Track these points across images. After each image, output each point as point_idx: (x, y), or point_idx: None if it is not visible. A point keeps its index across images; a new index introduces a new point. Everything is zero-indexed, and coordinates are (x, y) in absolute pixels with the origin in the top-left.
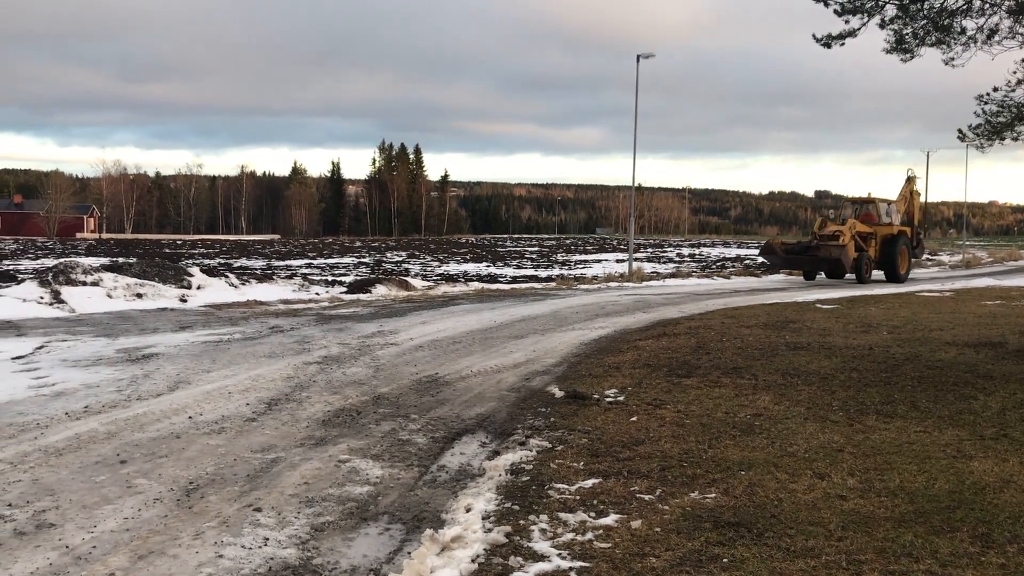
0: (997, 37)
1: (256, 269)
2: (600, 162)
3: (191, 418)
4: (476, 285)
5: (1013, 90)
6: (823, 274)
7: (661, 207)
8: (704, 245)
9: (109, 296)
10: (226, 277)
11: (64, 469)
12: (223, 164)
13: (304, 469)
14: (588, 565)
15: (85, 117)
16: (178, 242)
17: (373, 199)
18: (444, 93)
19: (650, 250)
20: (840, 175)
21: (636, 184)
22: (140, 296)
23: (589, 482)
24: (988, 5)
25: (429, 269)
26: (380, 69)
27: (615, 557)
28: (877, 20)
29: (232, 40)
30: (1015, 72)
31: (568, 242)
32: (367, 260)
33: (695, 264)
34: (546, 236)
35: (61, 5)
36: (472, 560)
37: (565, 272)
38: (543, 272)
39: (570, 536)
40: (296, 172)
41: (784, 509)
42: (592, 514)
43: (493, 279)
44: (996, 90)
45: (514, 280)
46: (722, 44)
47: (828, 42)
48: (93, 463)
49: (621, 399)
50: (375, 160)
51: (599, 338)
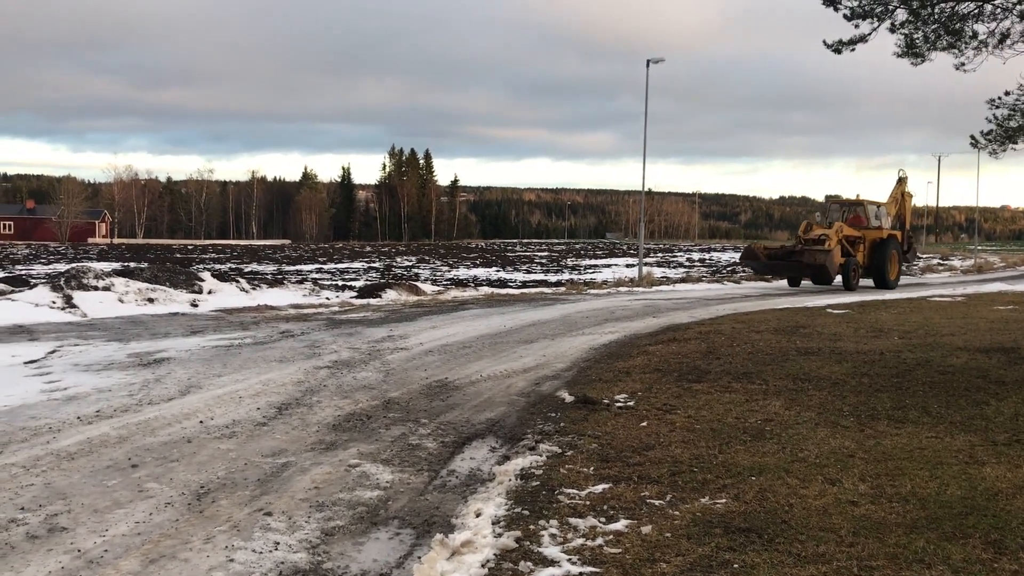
0: (1009, 41)
1: (267, 274)
2: (610, 167)
3: (202, 422)
4: (486, 290)
5: None
6: (809, 281)
7: (671, 212)
8: (714, 250)
9: (121, 301)
10: (237, 282)
11: (76, 473)
12: (234, 169)
13: (314, 473)
14: (598, 570)
15: (98, 123)
16: (189, 247)
17: (383, 204)
18: (455, 99)
19: (660, 255)
20: (851, 180)
21: (646, 189)
22: (151, 301)
23: (599, 487)
24: (1000, 10)
25: (439, 274)
26: (392, 75)
27: (625, 562)
28: (887, 25)
29: (245, 47)
30: None
31: (578, 247)
32: (377, 265)
33: (705, 269)
34: (556, 241)
35: (78, 13)
36: (482, 565)
37: (575, 277)
38: (553, 277)
39: (580, 541)
40: (307, 177)
41: (795, 515)
42: (602, 519)
43: (503, 284)
44: (1008, 94)
45: (524, 285)
46: (734, 49)
47: (839, 48)
48: (105, 467)
49: (631, 404)
50: (385, 165)
51: (609, 343)
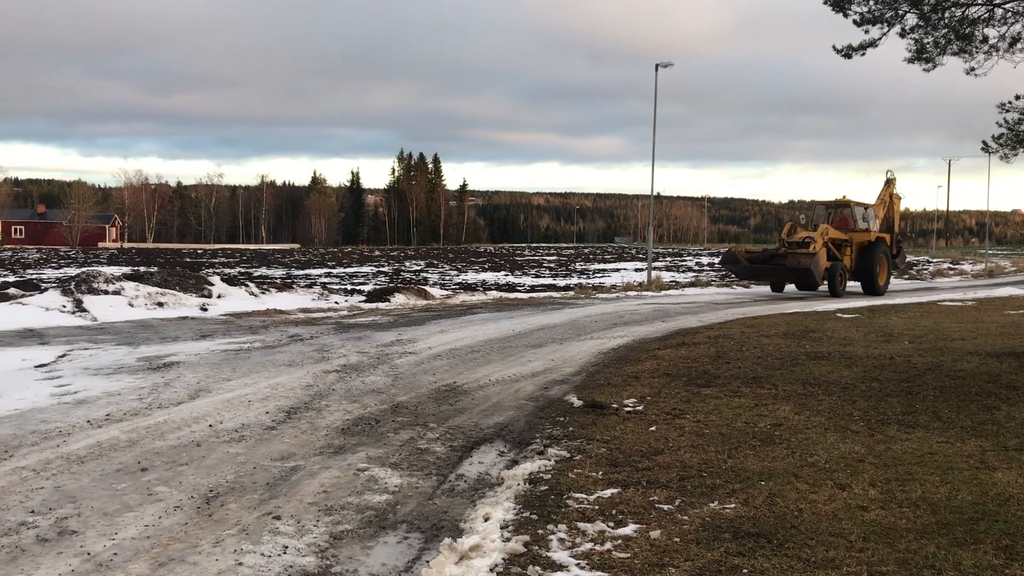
0: (1020, 45)
1: (276, 278)
2: (619, 171)
3: (211, 426)
4: (494, 294)
5: None
6: (793, 287)
7: (680, 216)
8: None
9: (131, 305)
10: (246, 286)
11: (86, 476)
12: (244, 174)
13: (323, 477)
14: (607, 575)
15: (109, 128)
16: (199, 251)
17: (392, 208)
18: (464, 103)
19: (669, 259)
20: (861, 184)
21: (655, 193)
22: (161, 305)
23: (608, 492)
24: (1010, 14)
25: (447, 278)
26: (401, 80)
27: (634, 567)
28: (897, 30)
29: (256, 52)
30: None
31: (586, 251)
32: (386, 269)
33: (714, 273)
34: (564, 245)
35: (89, 18)
36: (490, 569)
37: (583, 281)
38: (561, 281)
39: (589, 546)
40: (316, 182)
41: (804, 520)
42: (611, 524)
43: (511, 288)
44: (1019, 98)
45: (532, 289)
46: (744, 54)
47: (849, 53)
48: (114, 471)
49: (640, 409)
50: (394, 170)
51: (618, 347)
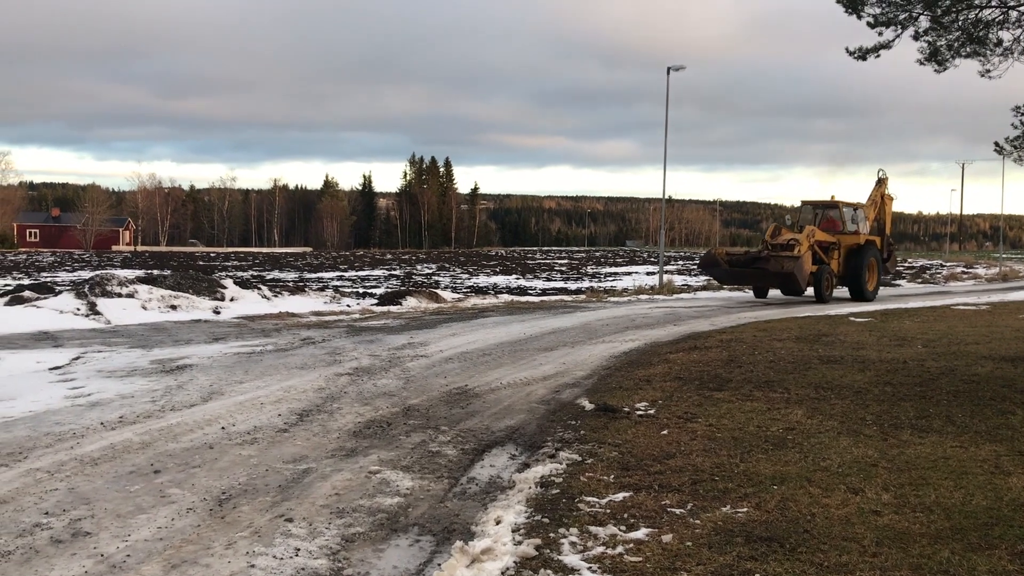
0: None
1: (288, 281)
2: (631, 175)
3: (224, 428)
4: (506, 297)
5: None
6: (778, 292)
7: (692, 219)
8: None
9: (144, 308)
10: (259, 289)
11: (99, 478)
12: (256, 177)
13: (335, 480)
14: None
15: (123, 132)
16: (212, 254)
17: (404, 212)
18: (477, 107)
19: (680, 263)
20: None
21: (667, 196)
22: (174, 308)
23: (619, 495)
24: None
25: (459, 281)
26: (414, 84)
27: (646, 571)
28: (911, 32)
29: (269, 56)
30: None
31: (598, 255)
32: (397, 272)
33: None
34: (576, 248)
35: (104, 23)
36: (502, 573)
37: (595, 285)
38: (573, 285)
39: (600, 550)
40: (328, 185)
41: (817, 524)
42: (623, 528)
43: (523, 291)
44: None
45: (544, 293)
46: (757, 57)
47: (863, 55)
48: (127, 472)
49: (652, 412)
50: (406, 173)
51: (629, 351)
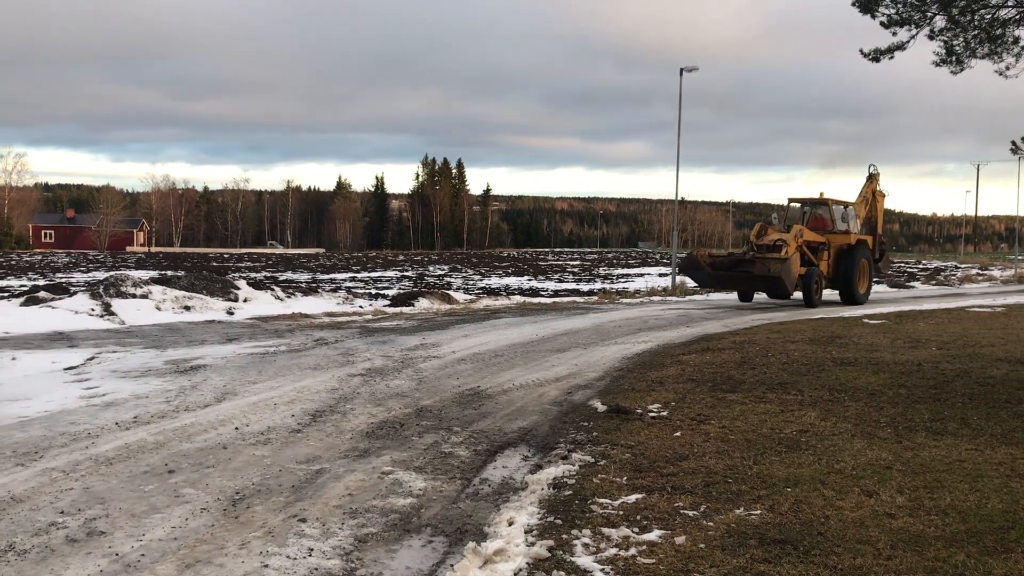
0: None
1: (301, 282)
2: (644, 176)
3: (237, 429)
4: (518, 299)
5: None
6: (763, 295)
7: (704, 221)
8: None
9: (158, 308)
10: (272, 290)
11: (114, 478)
12: (270, 179)
13: (348, 480)
14: None
15: (139, 133)
16: (225, 255)
17: (416, 213)
18: (489, 109)
19: None
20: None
21: (679, 198)
22: (188, 308)
23: (632, 497)
24: None
25: (471, 283)
26: (428, 86)
27: (659, 573)
28: (926, 32)
29: (284, 58)
30: None
31: (610, 256)
32: (410, 274)
33: None
34: (588, 250)
35: (120, 25)
36: (514, 574)
37: (607, 286)
38: (585, 286)
39: (613, 551)
40: (341, 187)
41: (831, 527)
42: (635, 529)
43: (535, 293)
44: None
45: (556, 294)
46: (770, 58)
47: (877, 56)
48: (142, 472)
49: (664, 414)
50: (418, 175)
51: (642, 352)
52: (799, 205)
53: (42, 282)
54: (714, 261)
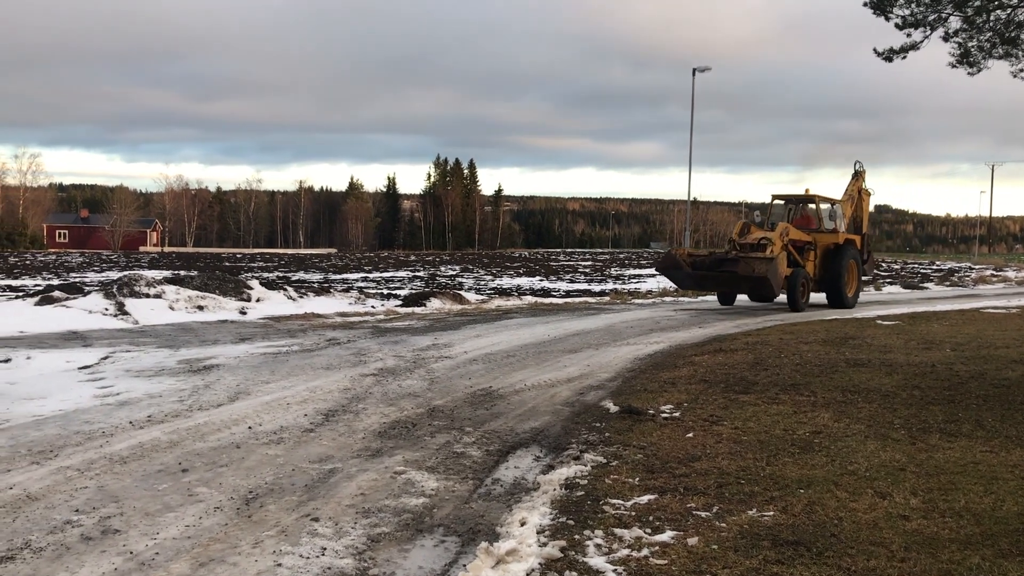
0: None
1: (314, 282)
2: (656, 176)
3: (250, 428)
4: (529, 299)
5: None
6: (746, 297)
7: (717, 221)
8: None
9: (171, 308)
10: (284, 290)
11: (128, 477)
12: (283, 179)
13: (360, 480)
14: None
15: (153, 134)
16: (238, 255)
17: (428, 214)
18: (502, 109)
19: None
20: (901, 189)
21: (692, 198)
22: (201, 308)
23: (644, 498)
24: None
25: (483, 283)
26: (440, 87)
27: (671, 574)
28: (940, 33)
29: (298, 60)
30: None
31: (622, 256)
32: (421, 274)
33: None
34: (600, 250)
35: (135, 27)
36: (527, 574)
37: (619, 286)
38: (597, 286)
39: (626, 552)
40: (353, 187)
41: (844, 528)
42: (648, 530)
43: (546, 293)
44: None
45: (568, 294)
46: (784, 59)
47: (890, 56)
48: (156, 471)
49: (677, 415)
50: (430, 175)
51: (654, 353)
52: (783, 202)
53: (56, 282)
54: (694, 260)
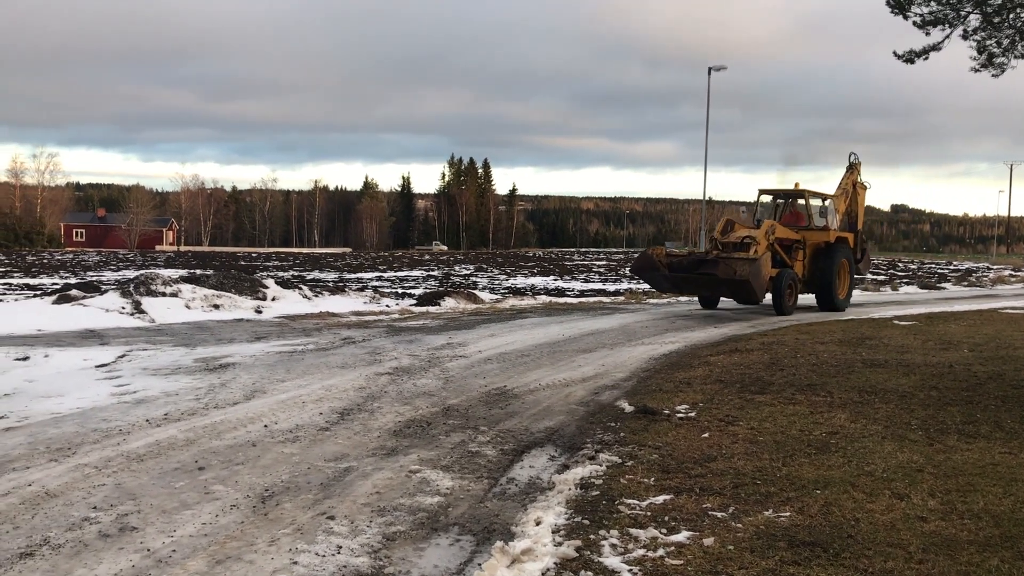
0: None
1: (328, 281)
2: (671, 176)
3: (266, 426)
4: (544, 299)
5: None
6: (730, 299)
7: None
8: None
9: (187, 307)
10: (300, 289)
11: (145, 474)
12: (298, 179)
13: (376, 479)
14: None
15: (169, 133)
16: (253, 255)
17: (442, 213)
18: (517, 109)
19: None
20: (918, 189)
21: (707, 198)
22: (217, 307)
23: (660, 498)
24: None
25: (497, 282)
26: (455, 86)
27: (687, 574)
28: (960, 32)
29: (314, 60)
30: None
31: (636, 256)
32: (436, 273)
33: None
34: (614, 250)
35: (152, 27)
36: (542, 574)
37: (634, 286)
38: (611, 286)
39: (641, 552)
40: (367, 186)
41: (861, 529)
42: (663, 530)
43: (561, 293)
44: None
45: (582, 294)
46: (801, 58)
47: (911, 58)
48: (172, 469)
49: (692, 415)
50: (444, 174)
51: (669, 353)
52: (771, 198)
53: (74, 280)
54: (671, 261)
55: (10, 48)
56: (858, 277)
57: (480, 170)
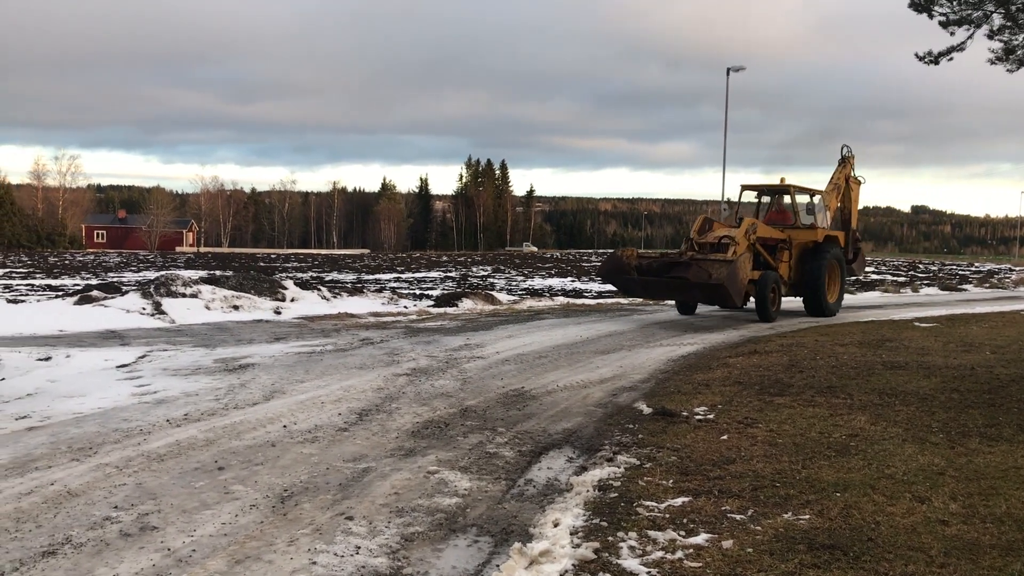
0: None
1: (347, 282)
2: (689, 176)
3: (285, 427)
4: (561, 300)
5: None
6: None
7: None
8: None
9: (207, 308)
10: (318, 290)
11: (165, 474)
12: (316, 180)
13: (394, 479)
14: None
15: (189, 135)
16: (272, 256)
17: (459, 214)
18: (534, 110)
19: None
20: (939, 189)
21: (726, 199)
22: (236, 308)
23: (679, 500)
24: None
25: (514, 284)
26: (473, 87)
27: None
28: (984, 31)
29: (332, 62)
30: None
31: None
32: (453, 274)
33: None
34: None
35: (173, 30)
36: (560, 575)
37: None
38: None
39: (659, 554)
40: (385, 188)
41: (882, 533)
42: (682, 532)
43: (578, 294)
44: None
45: (599, 295)
46: (821, 59)
47: (935, 59)
48: (192, 469)
49: (711, 417)
50: (462, 176)
51: (688, 354)
52: (755, 194)
53: (95, 281)
54: (641, 264)
55: (33, 52)
56: (853, 279)
57: (497, 171)
